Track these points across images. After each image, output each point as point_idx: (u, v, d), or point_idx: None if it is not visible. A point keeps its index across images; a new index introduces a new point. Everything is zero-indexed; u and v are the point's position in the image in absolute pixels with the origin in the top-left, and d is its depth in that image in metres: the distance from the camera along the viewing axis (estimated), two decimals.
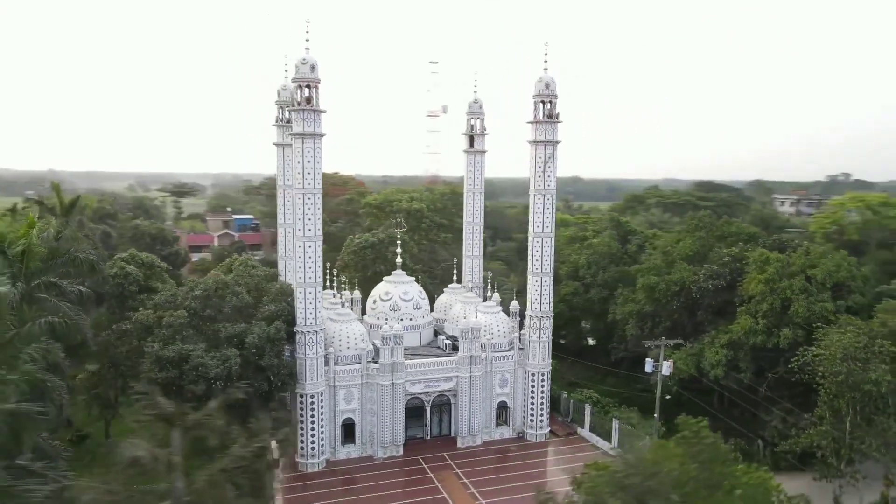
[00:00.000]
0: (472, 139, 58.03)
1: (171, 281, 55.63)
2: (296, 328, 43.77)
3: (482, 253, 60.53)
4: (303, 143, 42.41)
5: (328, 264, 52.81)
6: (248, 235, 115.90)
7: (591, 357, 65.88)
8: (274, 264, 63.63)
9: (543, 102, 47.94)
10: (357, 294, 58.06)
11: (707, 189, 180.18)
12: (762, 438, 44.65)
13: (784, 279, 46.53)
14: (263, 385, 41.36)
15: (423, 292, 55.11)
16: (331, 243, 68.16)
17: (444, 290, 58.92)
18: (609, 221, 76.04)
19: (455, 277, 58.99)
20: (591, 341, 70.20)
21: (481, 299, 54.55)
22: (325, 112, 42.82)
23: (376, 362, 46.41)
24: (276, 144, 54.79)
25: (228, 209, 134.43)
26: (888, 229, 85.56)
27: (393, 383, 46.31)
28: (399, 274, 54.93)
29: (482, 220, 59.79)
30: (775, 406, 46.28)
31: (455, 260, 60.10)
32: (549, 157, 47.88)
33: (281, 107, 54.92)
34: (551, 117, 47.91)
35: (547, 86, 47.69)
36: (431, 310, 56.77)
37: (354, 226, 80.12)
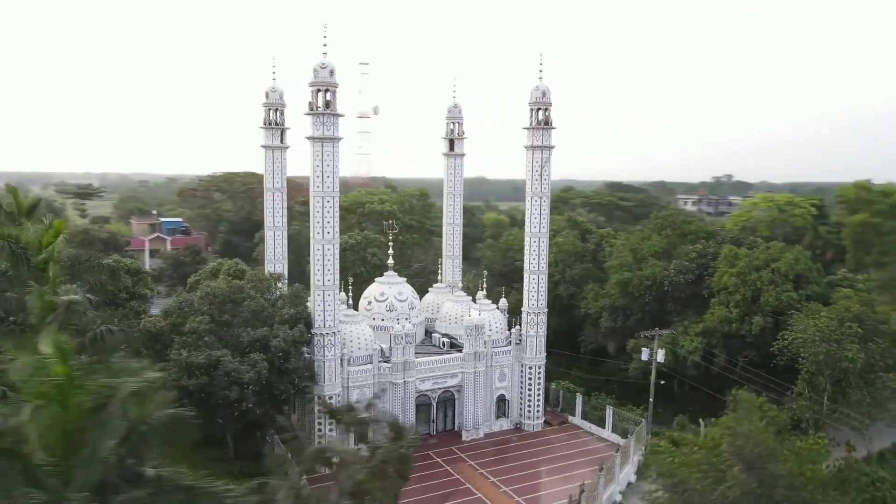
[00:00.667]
0: (451, 143, 59.98)
1: (153, 287, 53.77)
2: (313, 330, 44.02)
3: (461, 253, 62.59)
4: (322, 146, 42.75)
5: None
6: (178, 239, 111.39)
7: (559, 350, 69.55)
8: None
9: (539, 110, 50.69)
10: (342, 296, 58.37)
11: (617, 190, 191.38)
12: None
13: (753, 272, 51.88)
14: (289, 388, 41.43)
15: (416, 293, 56.43)
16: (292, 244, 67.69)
17: (430, 289, 60.44)
18: (567, 221, 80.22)
19: (439, 277, 60.69)
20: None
21: (471, 298, 56.61)
22: (342, 116, 43.39)
23: (387, 362, 47.40)
24: (265, 147, 54.20)
25: (154, 212, 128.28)
26: (792, 226, 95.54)
27: (405, 381, 47.50)
28: (391, 275, 55.95)
29: (461, 221, 61.88)
30: (746, 387, 51.48)
31: (431, 260, 61.84)
32: (546, 162, 50.72)
33: (269, 109, 54.38)
34: (546, 123, 50.77)
35: (543, 94, 50.46)
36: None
37: None
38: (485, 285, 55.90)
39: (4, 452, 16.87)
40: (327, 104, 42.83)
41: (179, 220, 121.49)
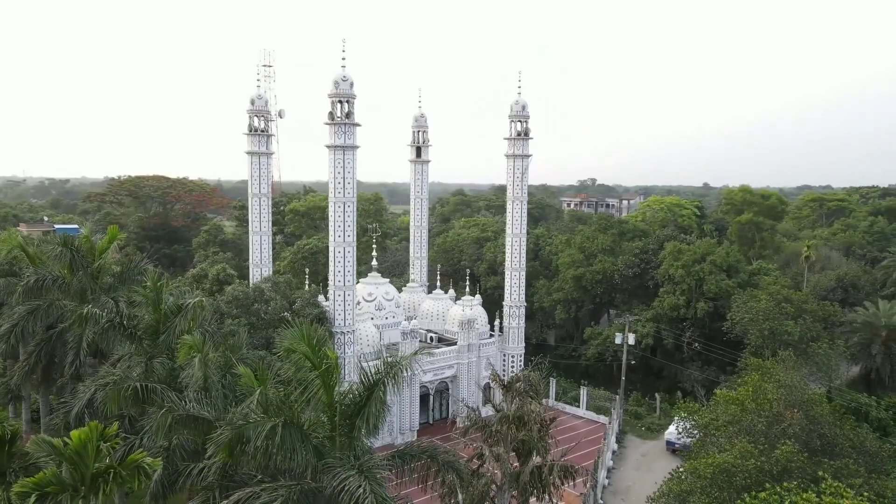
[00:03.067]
0: (419, 150, 63.65)
1: None
2: (334, 329, 46.04)
3: (427, 255, 66.35)
4: (343, 154, 44.98)
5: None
6: None
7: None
8: None
9: (518, 122, 55.79)
10: (321, 297, 60.07)
11: (502, 192, 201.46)
12: (699, 385, 57.84)
13: (695, 264, 60.44)
14: None
15: (399, 292, 59.47)
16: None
17: (403, 289, 63.55)
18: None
19: (410, 277, 64.09)
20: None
21: (448, 296, 60.61)
22: (360, 125, 45.80)
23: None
24: (249, 153, 54.72)
25: (45, 218, 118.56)
26: (680, 225, 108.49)
27: (411, 374, 50.54)
28: (375, 276, 58.54)
29: (427, 223, 65.71)
30: (691, 364, 60.07)
31: (390, 263, 65.07)
32: (527, 169, 55.96)
33: (253, 116, 54.97)
34: (525, 134, 56.00)
35: (522, 108, 55.64)
36: None
37: (276, 233, 79.60)
38: (467, 282, 60.19)
39: (293, 425, 19.54)
40: (347, 115, 45.12)
41: (76, 226, 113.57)
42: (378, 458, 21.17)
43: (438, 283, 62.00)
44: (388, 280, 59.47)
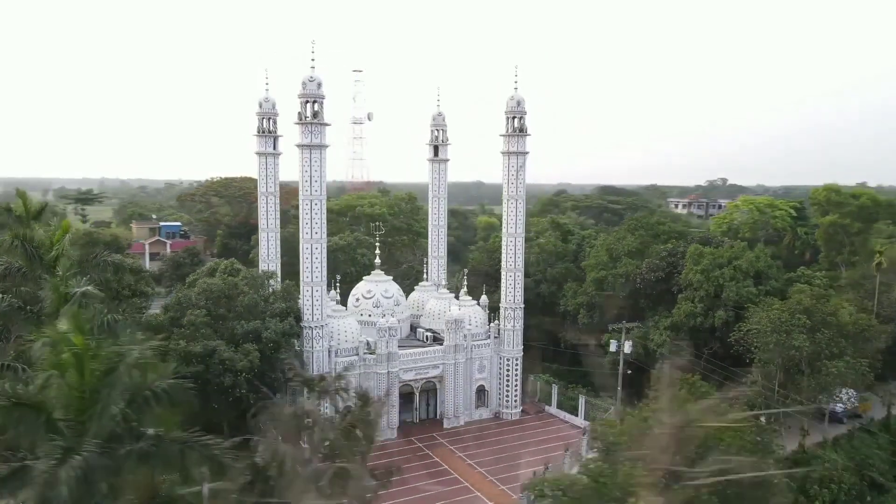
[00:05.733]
0: (436, 149, 63.51)
1: (153, 286, 57.16)
2: (303, 323, 47.46)
3: (446, 253, 66.05)
4: (310, 153, 46.31)
5: None
6: (178, 243, 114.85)
7: (542, 345, 72.96)
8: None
9: (514, 118, 54.22)
10: (333, 293, 61.81)
11: (609, 193, 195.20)
12: None
13: (716, 269, 55.28)
14: (280, 376, 44.80)
15: (402, 291, 59.89)
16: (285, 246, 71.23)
17: (416, 287, 63.87)
18: (549, 223, 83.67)
19: (425, 276, 64.17)
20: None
21: (454, 295, 60.05)
22: (329, 125, 46.93)
23: (372, 353, 50.82)
24: (259, 154, 57.63)
25: (154, 216, 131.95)
26: (773, 227, 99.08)
27: (388, 371, 50.89)
28: (378, 273, 59.42)
29: (446, 223, 65.39)
30: (711, 378, 54.90)
31: (418, 261, 65.30)
32: (521, 166, 54.27)
33: (262, 117, 57.83)
34: (521, 130, 54.30)
35: (518, 103, 54.04)
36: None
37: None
38: (465, 283, 59.34)
39: (31, 407, 20.54)
40: (315, 114, 46.38)
41: (178, 224, 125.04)
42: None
43: (465, 283, 61.52)
44: (390, 278, 60.07)
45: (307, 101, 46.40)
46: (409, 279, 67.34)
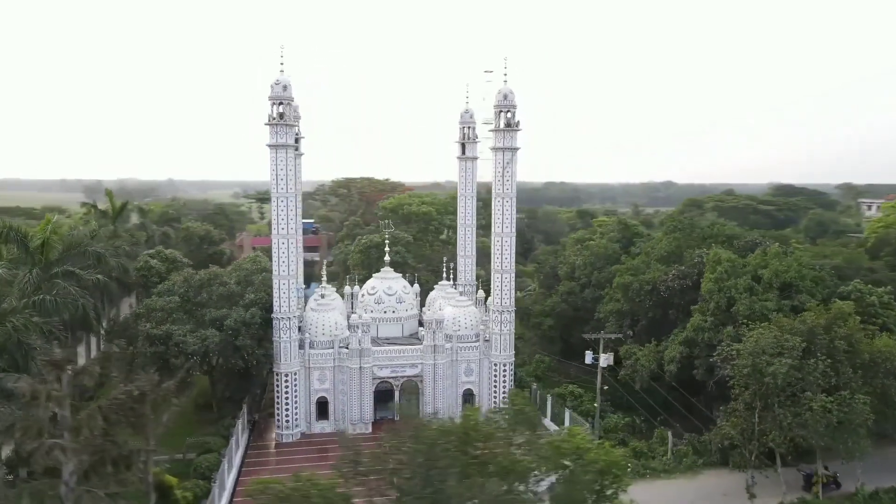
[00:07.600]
0: (463, 146, 62.45)
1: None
2: (273, 315, 50.04)
3: (474, 253, 64.58)
4: (276, 153, 48.72)
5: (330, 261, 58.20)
6: (308, 238, 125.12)
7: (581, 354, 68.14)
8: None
9: (503, 112, 51.67)
10: (357, 289, 63.76)
11: (783, 193, 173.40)
12: (700, 432, 46.16)
13: (732, 278, 47.68)
14: (239, 362, 47.91)
15: (408, 287, 60.02)
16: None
17: (434, 287, 63.46)
18: (617, 224, 77.64)
19: (453, 276, 63.51)
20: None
21: (468, 296, 58.78)
22: (295, 126, 48.89)
23: (346, 347, 51.86)
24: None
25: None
26: None
27: (361, 367, 51.58)
28: (387, 270, 60.17)
29: (474, 222, 63.91)
30: (715, 402, 47.66)
31: (445, 259, 64.61)
32: (508, 163, 51.57)
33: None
34: (510, 126, 51.58)
35: (505, 97, 51.41)
36: (423, 304, 61.67)
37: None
38: (479, 283, 57.69)
39: None
40: (281, 115, 48.64)
41: (311, 221, 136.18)
42: None
43: (478, 285, 60.43)
44: (399, 275, 60.46)
45: (274, 103, 48.81)
46: (439, 278, 66.83)
